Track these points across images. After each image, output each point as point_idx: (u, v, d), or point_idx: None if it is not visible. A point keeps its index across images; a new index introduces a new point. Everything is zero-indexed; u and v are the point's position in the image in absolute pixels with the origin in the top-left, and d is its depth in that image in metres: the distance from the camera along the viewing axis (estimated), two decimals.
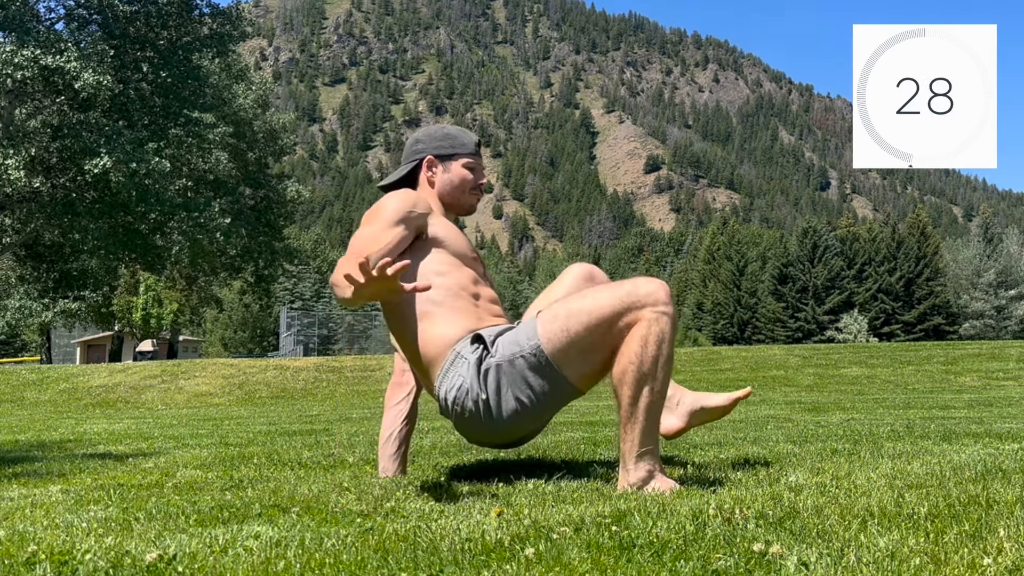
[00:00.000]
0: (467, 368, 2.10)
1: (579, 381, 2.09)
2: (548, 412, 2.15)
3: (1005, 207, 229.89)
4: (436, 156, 2.42)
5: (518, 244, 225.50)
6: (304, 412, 9.40)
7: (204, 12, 20.63)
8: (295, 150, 53.44)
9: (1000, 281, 51.32)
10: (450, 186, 2.41)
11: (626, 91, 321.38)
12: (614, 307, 2.01)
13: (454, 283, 2.22)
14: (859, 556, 1.22)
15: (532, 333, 2.08)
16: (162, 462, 3.27)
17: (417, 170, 2.44)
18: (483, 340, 2.11)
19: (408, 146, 2.51)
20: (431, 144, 2.44)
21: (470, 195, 2.43)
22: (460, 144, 2.44)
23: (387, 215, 2.21)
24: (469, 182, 2.42)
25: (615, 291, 2.04)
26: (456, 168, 2.41)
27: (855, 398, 9.86)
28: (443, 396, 2.15)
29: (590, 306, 2.03)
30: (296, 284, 59.84)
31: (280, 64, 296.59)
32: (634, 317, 2.00)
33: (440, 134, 2.46)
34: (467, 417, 2.12)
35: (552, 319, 2.08)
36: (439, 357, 2.16)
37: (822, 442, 3.18)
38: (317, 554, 1.36)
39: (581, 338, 2.03)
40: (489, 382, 2.08)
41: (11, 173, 16.84)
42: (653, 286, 2.03)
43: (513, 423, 2.11)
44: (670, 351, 2.00)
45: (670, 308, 2.01)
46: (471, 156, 2.44)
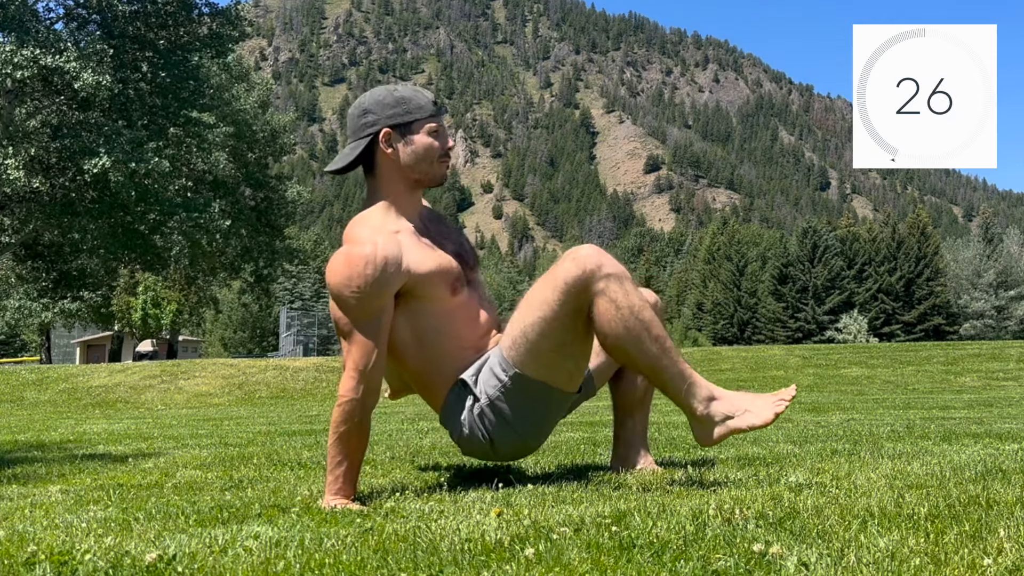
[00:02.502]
0: (464, 414, 2.12)
1: (566, 383, 2.08)
2: (552, 421, 2.18)
3: (1005, 207, 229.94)
4: (392, 127, 2.07)
5: (518, 244, 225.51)
6: (304, 412, 9.40)
7: (203, 12, 20.62)
8: (295, 150, 53.43)
9: (1000, 281, 51.32)
10: (415, 158, 2.08)
11: (626, 91, 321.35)
12: (559, 300, 1.95)
13: (447, 335, 2.11)
14: (859, 556, 1.22)
15: (504, 362, 2.06)
16: (162, 462, 3.27)
17: (371, 147, 2.10)
18: (468, 386, 2.11)
19: (354, 119, 2.12)
20: (384, 113, 2.08)
21: (439, 164, 2.12)
22: (417, 107, 2.09)
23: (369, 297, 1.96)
24: (436, 150, 2.10)
25: (553, 283, 1.97)
26: (419, 138, 2.08)
27: (855, 398, 9.86)
28: (453, 436, 2.20)
29: (539, 311, 1.99)
30: (296, 284, 59.85)
31: (280, 64, 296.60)
32: (585, 299, 1.94)
33: (391, 100, 2.09)
34: (480, 451, 2.18)
35: (512, 344, 2.04)
36: (436, 395, 2.20)
37: (822, 442, 3.18)
38: (317, 554, 1.36)
39: (547, 345, 2.00)
40: (487, 422, 2.10)
41: (11, 173, 16.83)
42: (581, 262, 1.94)
43: (522, 443, 2.16)
44: (640, 297, 1.96)
45: (608, 267, 1.94)
46: (432, 118, 2.10)
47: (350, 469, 2.01)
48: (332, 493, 2.00)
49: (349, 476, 2.01)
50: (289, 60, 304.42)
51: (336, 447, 2.01)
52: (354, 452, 2.02)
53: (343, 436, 2.00)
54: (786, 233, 78.83)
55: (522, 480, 2.21)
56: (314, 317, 35.01)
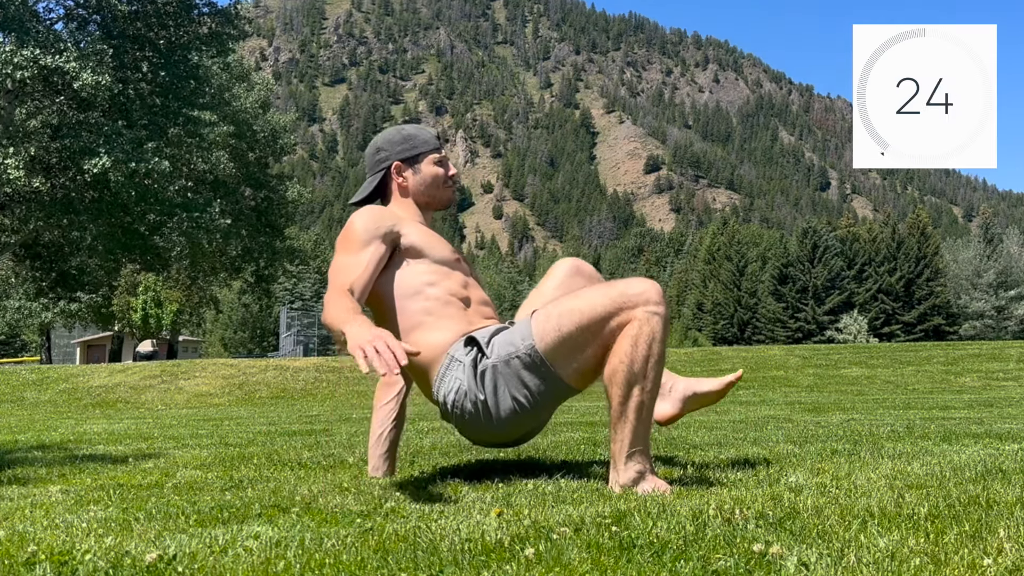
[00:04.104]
0: (463, 370, 2.12)
1: (574, 379, 2.10)
2: (546, 411, 2.18)
3: (1005, 207, 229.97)
4: (402, 161, 2.43)
5: (518, 244, 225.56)
6: (304, 412, 9.40)
7: (203, 12, 20.62)
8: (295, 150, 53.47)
9: (1000, 281, 51.35)
10: (424, 186, 2.43)
11: (626, 91, 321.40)
12: (606, 307, 2.02)
13: (443, 291, 2.25)
14: (859, 556, 1.22)
15: (527, 333, 2.09)
16: (162, 462, 3.27)
17: (386, 180, 2.46)
18: (477, 343, 2.13)
19: (370, 156, 2.50)
20: (394, 150, 2.44)
21: (445, 189, 2.46)
22: (422, 142, 2.45)
23: (358, 236, 2.23)
24: (441, 177, 2.44)
25: (608, 291, 2.05)
26: (425, 167, 2.43)
27: (855, 398, 9.86)
28: (442, 399, 2.17)
29: (583, 305, 2.04)
30: (296, 284, 59.85)
31: (280, 64, 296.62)
32: (626, 317, 2.00)
33: (399, 138, 2.46)
34: (467, 419, 2.14)
35: (545, 319, 2.09)
36: (434, 363, 2.18)
37: (822, 442, 3.18)
38: (317, 554, 1.36)
39: (574, 337, 2.04)
40: (486, 383, 2.10)
41: (11, 173, 16.84)
42: (645, 286, 2.04)
43: (512, 422, 2.13)
44: (661, 351, 2.00)
45: (662, 308, 2.01)
46: (436, 151, 2.46)
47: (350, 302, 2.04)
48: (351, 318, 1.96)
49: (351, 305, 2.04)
50: (289, 60, 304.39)
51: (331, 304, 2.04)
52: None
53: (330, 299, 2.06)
54: (786, 233, 78.90)
55: (522, 480, 2.21)
56: (314, 317, 35.00)
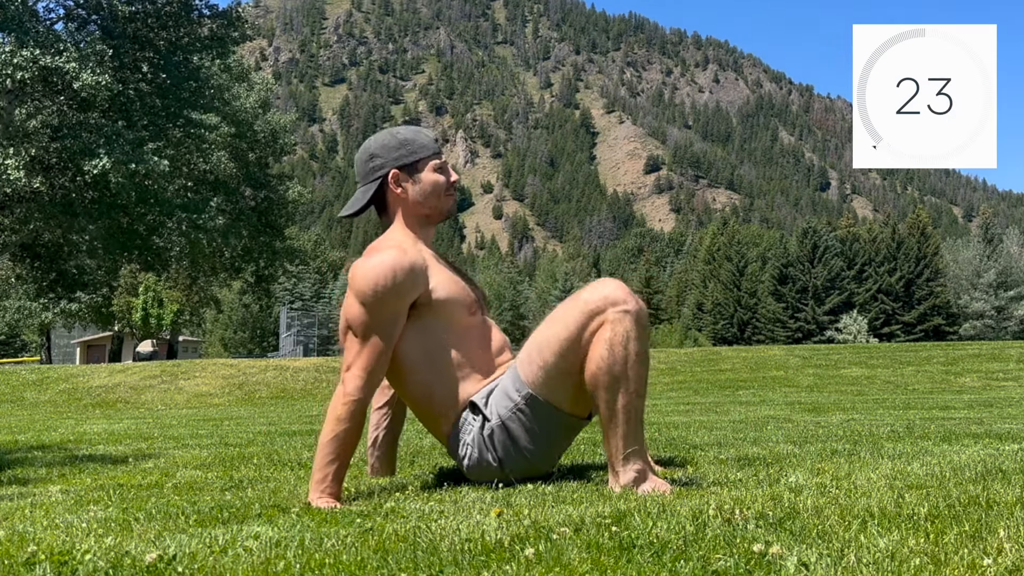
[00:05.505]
0: (473, 436, 2.12)
1: (578, 408, 2.08)
2: (561, 446, 2.19)
3: (1005, 207, 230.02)
4: (400, 168, 2.18)
5: (518, 244, 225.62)
6: (304, 412, 9.41)
7: (204, 13, 20.61)
8: (295, 150, 53.43)
9: (1000, 282, 51.36)
10: (423, 196, 2.19)
11: (626, 91, 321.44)
12: (577, 320, 1.96)
13: (459, 355, 2.14)
14: (859, 557, 1.22)
15: (518, 382, 2.06)
16: (162, 462, 3.27)
17: (381, 190, 2.21)
18: (478, 408, 2.11)
19: (362, 164, 2.22)
20: (390, 156, 2.18)
21: (446, 199, 2.22)
22: (421, 147, 2.20)
23: (387, 303, 2.03)
24: (442, 185, 2.20)
25: (573, 305, 1.99)
26: (426, 175, 2.19)
27: (855, 399, 9.86)
28: (461, 460, 2.17)
29: (557, 330, 1.99)
30: (296, 284, 59.86)
31: (280, 64, 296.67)
32: (597, 323, 1.94)
33: (395, 142, 2.19)
34: (491, 475, 2.15)
35: (528, 360, 2.05)
36: (441, 417, 2.17)
37: (822, 442, 3.18)
38: (317, 554, 1.36)
39: (559, 366, 2.00)
40: (497, 444, 2.10)
41: (11, 173, 16.83)
42: (608, 288, 1.96)
43: (532, 465, 2.15)
44: (640, 348, 1.93)
45: (631, 304, 1.94)
46: (436, 156, 2.21)
47: (341, 468, 2.02)
48: (320, 492, 1.99)
49: (339, 475, 2.02)
50: (289, 60, 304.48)
51: (331, 445, 2.02)
52: (348, 451, 2.04)
53: (342, 435, 2.02)
54: (786, 233, 78.87)
55: (522, 480, 2.21)
56: (314, 317, 35.04)
